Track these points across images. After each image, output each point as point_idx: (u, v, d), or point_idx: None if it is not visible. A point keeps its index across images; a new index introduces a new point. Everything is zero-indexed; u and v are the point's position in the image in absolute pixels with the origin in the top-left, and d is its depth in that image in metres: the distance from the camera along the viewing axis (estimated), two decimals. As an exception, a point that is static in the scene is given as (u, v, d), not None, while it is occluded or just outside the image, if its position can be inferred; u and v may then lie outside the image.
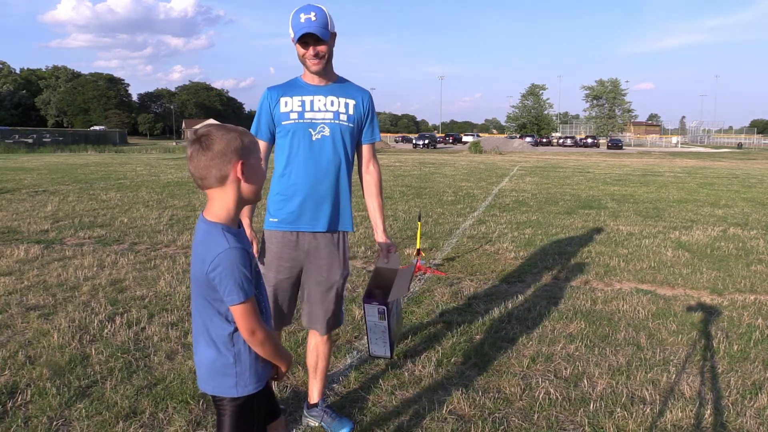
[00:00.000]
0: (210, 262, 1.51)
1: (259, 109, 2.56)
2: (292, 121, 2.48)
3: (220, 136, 1.54)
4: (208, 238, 1.56)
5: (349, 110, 2.54)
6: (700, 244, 7.13)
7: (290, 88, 2.52)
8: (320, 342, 2.71)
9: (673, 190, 14.33)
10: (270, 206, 2.56)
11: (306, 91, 2.50)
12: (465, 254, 6.41)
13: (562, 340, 3.83)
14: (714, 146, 79.05)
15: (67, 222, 8.09)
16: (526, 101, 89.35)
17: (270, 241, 2.55)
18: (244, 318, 1.57)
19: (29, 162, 23.46)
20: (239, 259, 1.52)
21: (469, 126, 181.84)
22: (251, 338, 1.60)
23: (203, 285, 1.56)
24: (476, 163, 26.10)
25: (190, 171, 1.59)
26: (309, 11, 2.40)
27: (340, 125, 2.52)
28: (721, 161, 33.39)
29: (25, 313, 4.20)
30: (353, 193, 2.79)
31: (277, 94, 2.50)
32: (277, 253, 2.52)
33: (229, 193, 1.59)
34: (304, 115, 2.48)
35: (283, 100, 2.49)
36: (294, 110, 2.48)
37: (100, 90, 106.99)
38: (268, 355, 1.66)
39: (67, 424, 2.70)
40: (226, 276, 1.51)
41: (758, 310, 4.53)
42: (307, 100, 2.49)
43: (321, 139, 2.50)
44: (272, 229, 2.54)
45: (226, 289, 1.52)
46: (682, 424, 2.78)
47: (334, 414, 2.74)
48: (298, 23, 2.39)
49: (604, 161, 30.71)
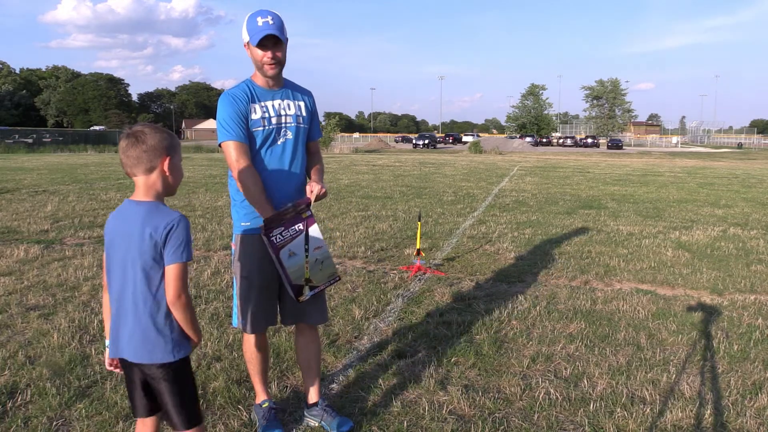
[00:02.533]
0: (165, 226, 1.77)
1: (228, 114, 2.47)
2: (261, 128, 2.52)
3: (152, 133, 1.82)
4: (156, 210, 1.82)
5: (302, 112, 2.65)
6: (700, 244, 7.13)
7: (252, 95, 2.52)
8: (313, 336, 2.78)
9: (673, 190, 14.33)
10: (240, 212, 2.58)
11: (265, 97, 2.55)
12: (465, 254, 6.41)
13: (562, 340, 3.83)
14: (714, 146, 79.05)
15: (67, 222, 8.09)
16: (526, 101, 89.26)
17: (247, 244, 2.58)
18: (179, 279, 1.78)
19: (29, 162, 23.47)
20: (188, 225, 1.83)
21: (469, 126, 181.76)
22: (177, 301, 1.79)
23: (148, 254, 1.77)
24: (476, 163, 26.10)
25: (122, 161, 1.84)
26: (266, 15, 2.44)
27: (298, 127, 2.62)
28: (721, 161, 33.39)
29: (25, 313, 4.20)
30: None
31: (245, 101, 2.49)
32: (258, 254, 2.55)
33: (155, 182, 1.85)
34: (271, 120, 2.54)
35: (253, 106, 2.51)
36: (262, 116, 2.53)
37: (100, 90, 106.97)
38: (187, 322, 1.85)
39: (67, 424, 2.70)
40: (180, 236, 1.78)
41: (758, 310, 4.53)
42: (269, 106, 2.55)
43: (285, 142, 2.59)
44: (248, 233, 2.57)
45: (175, 247, 1.77)
46: (682, 424, 2.78)
47: (334, 413, 2.74)
48: (256, 26, 2.41)
49: (604, 161, 30.71)
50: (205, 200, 10.79)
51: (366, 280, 5.24)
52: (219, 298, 4.63)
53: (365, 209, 9.89)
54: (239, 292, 2.61)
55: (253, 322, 2.62)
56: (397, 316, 4.30)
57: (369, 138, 74.02)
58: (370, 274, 5.47)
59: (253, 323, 2.63)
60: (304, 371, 2.82)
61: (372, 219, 8.79)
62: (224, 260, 5.95)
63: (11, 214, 8.82)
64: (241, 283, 2.60)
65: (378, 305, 4.52)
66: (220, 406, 2.89)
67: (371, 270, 5.66)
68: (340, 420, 2.70)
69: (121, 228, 1.83)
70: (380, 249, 6.60)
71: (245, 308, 2.61)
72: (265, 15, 2.43)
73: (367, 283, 5.15)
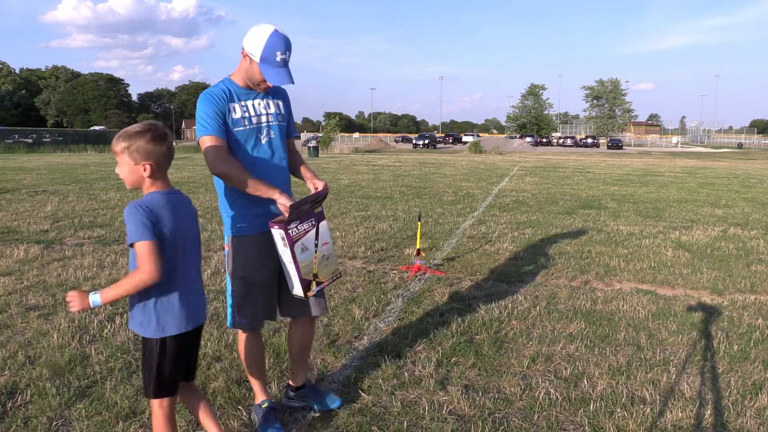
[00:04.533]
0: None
1: (206, 112, 2.44)
2: (243, 127, 2.51)
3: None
4: (188, 199, 2.20)
5: (281, 110, 2.66)
6: (700, 244, 7.13)
7: (232, 94, 2.51)
8: (311, 328, 2.87)
9: (673, 190, 14.33)
10: (232, 213, 2.56)
11: (245, 97, 2.54)
12: (465, 254, 6.41)
13: (562, 340, 3.83)
14: (714, 146, 79.04)
15: (67, 222, 8.09)
16: (526, 101, 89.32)
17: (243, 245, 2.57)
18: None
19: (29, 162, 23.46)
20: None
21: (469, 126, 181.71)
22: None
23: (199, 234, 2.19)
24: (476, 163, 26.10)
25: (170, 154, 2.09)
26: (285, 50, 2.42)
27: (279, 125, 2.64)
28: (721, 161, 33.39)
29: (25, 313, 4.20)
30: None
31: (225, 100, 2.47)
32: (257, 254, 2.56)
33: None
34: (252, 120, 2.53)
35: (232, 105, 2.49)
36: (243, 116, 2.51)
37: (100, 90, 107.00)
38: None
39: (67, 424, 2.70)
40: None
41: (758, 310, 4.53)
42: (249, 105, 2.54)
43: (271, 140, 2.60)
44: (243, 234, 2.57)
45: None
46: (682, 424, 2.78)
47: (323, 391, 2.85)
48: (273, 59, 2.39)
49: (604, 161, 30.71)
50: (205, 200, 10.79)
51: (366, 280, 5.24)
52: (219, 298, 4.63)
53: (365, 209, 9.89)
54: (236, 292, 2.60)
55: (253, 320, 2.63)
56: (397, 316, 4.29)
57: (369, 138, 73.99)
58: (370, 274, 5.47)
59: (253, 321, 2.63)
60: (296, 359, 2.88)
61: (372, 219, 8.79)
62: (224, 260, 5.94)
63: (11, 214, 8.81)
64: (239, 283, 2.59)
65: (378, 305, 4.51)
66: (220, 406, 2.89)
67: (371, 270, 5.66)
68: (330, 396, 2.83)
69: (191, 211, 2.17)
70: (380, 249, 6.60)
71: (244, 307, 2.61)
72: (284, 49, 2.41)
73: (367, 283, 5.15)
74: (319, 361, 3.47)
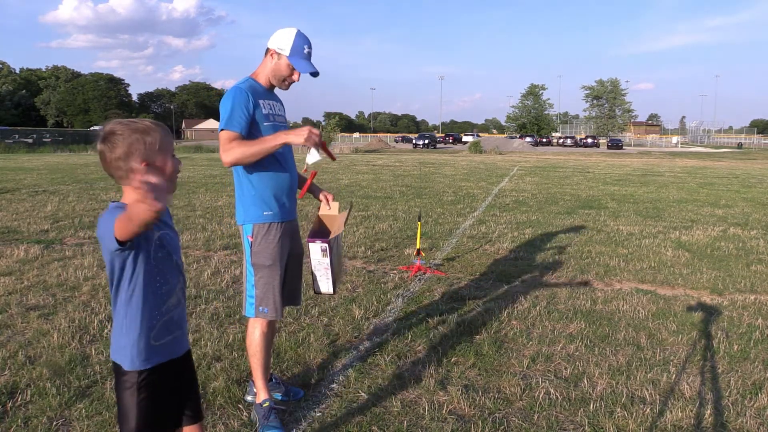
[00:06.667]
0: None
1: (234, 106, 2.57)
2: (270, 123, 2.68)
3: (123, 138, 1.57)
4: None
5: (284, 111, 2.89)
6: (700, 244, 7.13)
7: (259, 92, 2.69)
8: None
9: (673, 190, 14.33)
10: (258, 202, 2.69)
11: (268, 96, 2.75)
12: (465, 254, 6.41)
13: (562, 340, 3.83)
14: (714, 146, 79.01)
15: (67, 222, 8.09)
16: (526, 101, 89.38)
17: (271, 232, 2.69)
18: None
19: (29, 162, 23.47)
20: None
21: (469, 126, 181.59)
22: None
23: None
24: (476, 163, 26.10)
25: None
26: (310, 45, 2.70)
27: (287, 125, 2.84)
28: (721, 161, 33.39)
29: (25, 313, 4.20)
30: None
31: (254, 96, 2.64)
32: (280, 241, 2.72)
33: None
34: (276, 117, 2.74)
35: (261, 102, 2.66)
36: (270, 113, 2.70)
37: (100, 90, 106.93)
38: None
39: (67, 424, 2.70)
40: None
41: (758, 310, 4.53)
42: (272, 104, 2.75)
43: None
44: (270, 221, 2.69)
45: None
46: (682, 424, 2.78)
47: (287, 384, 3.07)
48: (302, 51, 2.65)
49: (604, 161, 30.71)
50: (205, 200, 10.79)
51: (366, 280, 5.24)
52: (219, 298, 4.63)
53: (365, 209, 9.89)
54: (260, 282, 2.69)
55: (275, 309, 2.73)
56: (397, 316, 4.30)
57: (369, 138, 74.00)
58: (370, 274, 5.47)
59: (275, 310, 2.74)
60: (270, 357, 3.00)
61: (372, 219, 8.80)
62: (224, 260, 5.95)
63: (11, 214, 8.82)
64: (264, 272, 2.69)
65: (378, 305, 4.52)
66: (220, 406, 2.89)
67: (371, 270, 5.66)
68: (294, 389, 3.04)
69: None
70: (380, 249, 6.60)
71: (272, 295, 2.70)
72: (309, 45, 2.68)
73: (367, 283, 5.15)
74: (320, 360, 3.47)
